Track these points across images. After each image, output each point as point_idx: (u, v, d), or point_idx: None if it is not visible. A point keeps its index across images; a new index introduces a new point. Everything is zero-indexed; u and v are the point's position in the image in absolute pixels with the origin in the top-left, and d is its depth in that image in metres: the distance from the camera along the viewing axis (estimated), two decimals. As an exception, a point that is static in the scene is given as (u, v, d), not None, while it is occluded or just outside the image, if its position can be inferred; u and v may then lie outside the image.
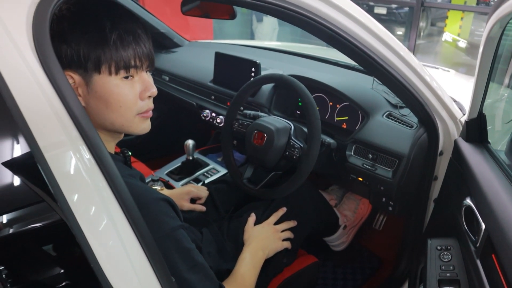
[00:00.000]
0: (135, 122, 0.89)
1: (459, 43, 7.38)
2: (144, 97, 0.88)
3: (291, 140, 1.38)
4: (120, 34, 0.81)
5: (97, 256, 0.66)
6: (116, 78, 0.83)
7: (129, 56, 0.82)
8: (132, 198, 0.71)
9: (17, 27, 0.61)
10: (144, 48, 0.85)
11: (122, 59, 0.82)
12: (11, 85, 0.59)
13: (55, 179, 0.63)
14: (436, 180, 1.32)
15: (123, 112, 0.86)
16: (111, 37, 0.80)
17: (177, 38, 2.45)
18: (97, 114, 0.86)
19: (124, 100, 0.85)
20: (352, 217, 1.76)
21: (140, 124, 0.91)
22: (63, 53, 0.78)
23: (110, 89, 0.83)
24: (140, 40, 0.84)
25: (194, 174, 1.87)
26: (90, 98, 0.84)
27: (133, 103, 0.86)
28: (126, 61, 0.82)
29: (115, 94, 0.83)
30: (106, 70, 0.81)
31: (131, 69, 0.84)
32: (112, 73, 0.82)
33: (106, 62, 0.81)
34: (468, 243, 0.98)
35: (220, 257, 1.25)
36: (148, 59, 0.87)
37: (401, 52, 1.09)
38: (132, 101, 0.86)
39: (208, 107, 1.95)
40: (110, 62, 0.81)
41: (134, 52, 0.83)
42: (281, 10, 0.90)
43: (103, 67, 0.81)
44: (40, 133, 0.62)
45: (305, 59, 2.09)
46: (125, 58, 0.82)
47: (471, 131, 1.15)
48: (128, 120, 0.88)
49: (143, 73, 0.87)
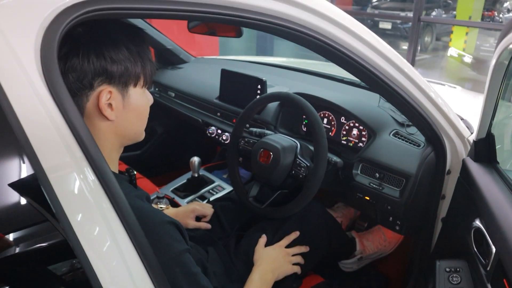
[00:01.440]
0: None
1: (465, 58, 7.40)
2: None
3: (297, 158, 1.37)
4: (144, 50, 0.89)
5: (100, 278, 0.65)
6: (143, 90, 0.91)
7: (151, 70, 0.91)
8: (136, 220, 0.71)
9: (25, 51, 0.61)
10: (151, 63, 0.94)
11: (150, 73, 0.91)
12: (16, 107, 0.59)
13: (59, 201, 0.62)
14: (444, 199, 1.31)
15: (145, 120, 0.95)
16: (149, 54, 0.90)
17: (183, 54, 2.46)
18: (127, 126, 0.90)
19: (147, 109, 0.94)
20: (371, 250, 1.71)
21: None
22: (107, 70, 0.82)
23: (142, 100, 0.91)
24: (149, 56, 0.92)
25: (200, 192, 1.86)
26: (124, 110, 0.87)
27: (148, 111, 0.95)
28: (151, 75, 0.92)
29: (145, 104, 0.92)
30: (140, 84, 0.89)
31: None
32: (143, 86, 0.91)
33: (143, 77, 0.89)
34: (478, 266, 0.96)
35: (227, 277, 1.24)
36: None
37: (405, 69, 1.08)
38: (148, 109, 0.95)
39: (214, 124, 1.95)
40: (145, 76, 0.89)
41: (152, 66, 0.92)
42: (283, 29, 0.90)
43: (140, 81, 0.89)
44: (44, 155, 0.61)
45: (310, 76, 2.09)
46: (151, 72, 0.91)
47: (479, 151, 1.14)
48: (143, 127, 0.96)
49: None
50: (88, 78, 0.80)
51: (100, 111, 0.83)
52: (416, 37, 4.95)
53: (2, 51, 0.60)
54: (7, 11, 0.61)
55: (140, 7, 0.73)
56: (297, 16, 0.91)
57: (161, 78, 2.36)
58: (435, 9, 9.51)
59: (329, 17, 0.95)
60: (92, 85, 0.81)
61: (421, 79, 1.13)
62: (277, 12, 0.88)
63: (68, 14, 0.65)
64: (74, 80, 0.79)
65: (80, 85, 0.80)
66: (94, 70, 0.80)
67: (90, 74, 0.80)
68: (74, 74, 0.79)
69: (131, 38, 0.87)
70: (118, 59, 0.83)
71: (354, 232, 1.75)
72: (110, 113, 0.84)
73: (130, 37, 0.86)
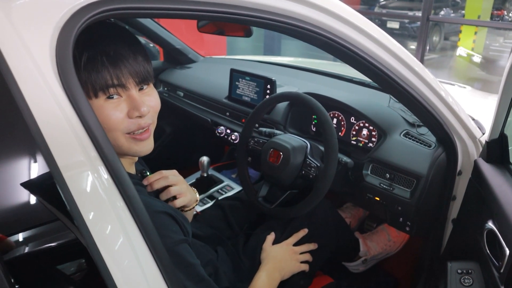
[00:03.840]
0: (125, 144, 0.87)
1: (474, 58, 7.35)
2: (133, 116, 0.85)
3: (307, 159, 1.37)
4: (92, 57, 0.80)
5: (113, 275, 0.65)
6: (99, 100, 0.82)
7: (104, 77, 0.80)
8: (150, 219, 0.71)
9: (40, 51, 0.62)
10: (126, 66, 0.83)
11: (97, 81, 0.80)
12: (33, 107, 0.60)
13: (73, 199, 0.63)
14: (455, 200, 1.30)
15: (111, 134, 0.84)
16: (81, 61, 0.79)
17: (192, 54, 2.47)
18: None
19: (107, 121, 0.83)
20: (376, 251, 1.71)
21: (133, 146, 0.88)
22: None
23: (98, 112, 0.81)
24: (119, 59, 0.82)
25: (209, 191, 1.87)
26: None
27: (119, 123, 0.84)
28: (102, 83, 0.81)
29: (101, 116, 0.82)
30: (89, 94, 0.81)
31: (110, 89, 0.82)
32: (92, 96, 0.81)
33: (85, 86, 0.80)
34: (491, 267, 0.95)
35: (236, 276, 1.24)
36: (134, 76, 0.84)
37: (416, 68, 1.08)
38: (117, 121, 0.84)
39: (223, 123, 1.95)
40: (87, 85, 0.80)
41: (110, 72, 0.81)
42: (294, 28, 0.90)
43: (84, 91, 0.76)
44: (59, 154, 0.62)
45: (319, 76, 2.09)
46: (100, 79, 0.80)
47: (492, 152, 1.13)
48: (118, 141, 0.86)
49: (131, 92, 0.85)
50: None
51: None
52: (425, 37, 4.91)
53: (18, 51, 0.60)
54: (23, 11, 0.61)
55: (154, 6, 0.73)
56: (309, 15, 0.91)
57: (169, 78, 2.36)
58: (443, 8, 9.45)
59: (341, 16, 0.95)
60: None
61: (432, 78, 1.12)
62: (290, 12, 0.88)
63: (82, 14, 0.66)
64: None
65: None
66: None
67: None
68: None
69: (92, 43, 0.81)
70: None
71: (358, 233, 1.74)
72: None
73: (95, 42, 0.81)
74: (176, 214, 0.93)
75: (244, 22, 0.88)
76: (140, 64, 0.85)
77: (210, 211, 1.54)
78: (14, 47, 0.60)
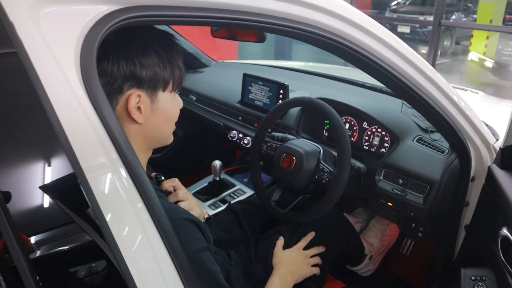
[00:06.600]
0: (170, 133, 0.99)
1: (485, 63, 7.28)
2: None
3: (320, 164, 1.38)
4: (173, 56, 0.90)
5: (132, 273, 0.67)
6: (172, 95, 0.93)
7: (182, 76, 0.94)
8: (169, 221, 0.73)
9: (66, 57, 0.63)
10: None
11: (179, 79, 0.93)
12: (59, 112, 0.62)
13: (95, 199, 0.65)
14: (468, 207, 1.30)
15: (171, 125, 0.96)
16: (178, 60, 0.91)
17: (204, 58, 2.49)
18: (155, 129, 0.92)
19: (173, 113, 0.95)
20: (378, 245, 1.72)
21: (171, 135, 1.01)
22: (137, 75, 0.84)
23: (170, 104, 0.93)
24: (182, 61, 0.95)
25: (221, 195, 1.88)
26: (152, 114, 0.90)
27: (177, 115, 0.97)
28: (180, 80, 0.94)
29: (169, 107, 0.93)
30: (169, 88, 0.91)
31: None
32: (172, 90, 0.92)
33: (172, 82, 0.91)
34: (506, 275, 0.95)
35: (248, 281, 1.25)
36: None
37: (429, 72, 1.08)
38: (177, 113, 0.97)
39: (235, 128, 1.96)
40: (174, 81, 0.91)
41: (183, 72, 0.94)
42: (308, 35, 0.91)
43: (169, 86, 0.91)
44: (83, 156, 0.64)
45: (331, 80, 2.09)
46: (179, 77, 0.93)
47: (507, 158, 1.13)
48: (170, 131, 0.98)
49: None
50: (118, 82, 0.83)
51: (129, 114, 0.86)
52: (437, 41, 4.90)
53: (45, 56, 0.62)
54: (50, 19, 0.63)
55: (173, 14, 0.75)
56: (325, 22, 0.92)
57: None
58: (454, 12, 9.39)
59: (353, 21, 0.95)
60: (121, 89, 0.84)
61: (445, 82, 1.12)
62: (305, 18, 0.89)
63: (106, 22, 0.67)
64: (105, 84, 0.82)
65: (110, 89, 0.83)
66: (123, 74, 0.83)
67: (120, 78, 0.83)
68: (104, 78, 0.82)
69: (162, 44, 0.89)
70: (148, 64, 0.85)
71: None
72: (138, 116, 0.87)
73: (160, 43, 0.88)
74: (199, 222, 0.95)
75: (264, 29, 0.90)
76: None
77: (223, 215, 1.55)
78: (41, 52, 0.62)
